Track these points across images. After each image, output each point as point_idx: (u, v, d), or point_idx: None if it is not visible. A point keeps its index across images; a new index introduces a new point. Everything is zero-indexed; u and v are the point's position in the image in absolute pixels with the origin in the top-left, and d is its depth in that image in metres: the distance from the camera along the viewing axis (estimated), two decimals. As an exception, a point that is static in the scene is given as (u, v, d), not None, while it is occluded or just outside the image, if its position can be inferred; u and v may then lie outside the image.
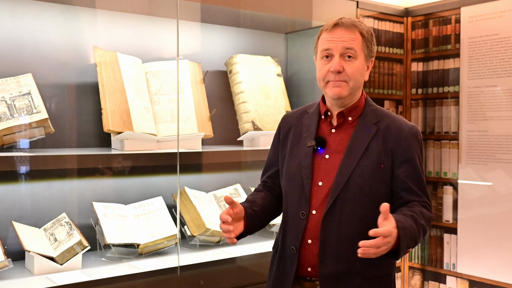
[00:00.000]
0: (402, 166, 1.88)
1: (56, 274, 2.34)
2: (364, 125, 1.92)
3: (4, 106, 2.36)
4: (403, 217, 1.76)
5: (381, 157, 1.87)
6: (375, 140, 1.89)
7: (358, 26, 1.90)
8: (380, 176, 1.87)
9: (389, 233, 1.66)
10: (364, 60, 1.90)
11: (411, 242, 1.75)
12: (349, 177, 1.85)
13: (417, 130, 1.94)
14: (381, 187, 1.88)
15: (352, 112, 1.94)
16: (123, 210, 2.73)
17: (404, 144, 1.89)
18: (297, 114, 2.07)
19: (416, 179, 1.89)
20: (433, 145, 3.48)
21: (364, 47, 1.89)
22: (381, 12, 3.40)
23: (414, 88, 3.56)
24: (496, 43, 3.16)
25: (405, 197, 1.89)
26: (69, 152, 2.50)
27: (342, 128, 1.94)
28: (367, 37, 1.90)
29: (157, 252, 2.71)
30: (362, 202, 1.85)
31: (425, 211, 1.87)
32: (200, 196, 2.94)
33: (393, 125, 1.91)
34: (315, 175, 1.91)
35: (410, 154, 1.89)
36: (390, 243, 1.67)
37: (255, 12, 2.99)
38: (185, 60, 2.95)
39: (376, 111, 1.96)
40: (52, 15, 2.66)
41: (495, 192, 3.20)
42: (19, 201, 2.57)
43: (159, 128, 2.78)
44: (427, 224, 1.85)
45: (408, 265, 3.63)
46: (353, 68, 1.87)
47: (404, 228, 1.71)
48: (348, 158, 1.87)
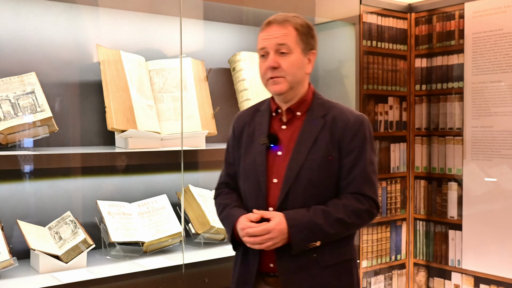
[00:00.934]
0: (347, 157, 1.91)
1: (61, 272, 2.34)
2: (312, 119, 1.95)
3: (8, 105, 2.36)
4: (303, 213, 1.84)
5: (328, 149, 1.90)
6: (322, 133, 1.92)
7: (291, 20, 1.91)
8: (329, 168, 1.90)
9: (266, 231, 1.82)
10: (301, 53, 1.92)
11: (315, 236, 1.84)
12: (298, 171, 1.89)
13: (363, 120, 1.94)
14: (330, 179, 1.92)
15: (300, 107, 1.97)
16: (128, 208, 2.73)
17: (349, 135, 1.91)
18: (250, 113, 2.09)
19: (359, 169, 1.90)
20: (438, 141, 3.47)
21: (299, 40, 1.91)
22: (385, 8, 3.39)
23: (418, 84, 3.55)
24: (500, 38, 3.15)
25: (343, 188, 1.92)
26: (73, 150, 2.50)
27: (292, 123, 1.98)
28: (302, 30, 1.92)
29: (162, 250, 2.71)
30: (312, 194, 1.90)
31: (352, 204, 1.88)
32: (204, 193, 2.94)
33: (339, 117, 1.93)
34: (269, 173, 1.94)
35: (355, 144, 1.91)
36: (276, 238, 1.81)
37: (258, 9, 2.99)
38: (188, 57, 2.95)
39: (324, 104, 1.98)
40: (55, 13, 2.66)
41: (500, 188, 3.19)
42: (23, 200, 2.57)
43: (162, 126, 2.78)
44: (351, 217, 1.87)
45: (413, 261, 3.62)
46: (289, 63, 1.89)
47: (298, 224, 1.82)
48: (297, 153, 1.91)
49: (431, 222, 3.52)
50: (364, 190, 1.90)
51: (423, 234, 3.56)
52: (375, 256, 3.42)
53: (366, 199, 1.91)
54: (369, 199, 1.91)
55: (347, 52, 3.31)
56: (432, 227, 3.51)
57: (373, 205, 1.93)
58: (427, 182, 3.53)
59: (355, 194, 1.90)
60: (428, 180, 3.53)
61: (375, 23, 3.35)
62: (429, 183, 3.53)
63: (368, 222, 1.97)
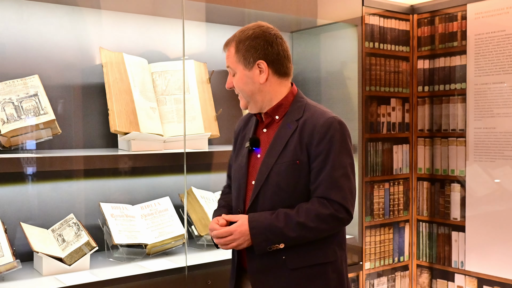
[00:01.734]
0: (315, 161, 1.91)
1: (64, 274, 2.35)
2: (287, 122, 1.98)
3: (11, 107, 2.37)
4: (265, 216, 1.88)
5: (297, 153, 1.92)
6: (293, 136, 1.94)
7: (231, 40, 2.01)
8: (297, 172, 1.92)
9: (228, 233, 1.90)
10: (243, 70, 1.98)
11: (276, 238, 1.87)
12: (268, 174, 1.93)
13: (332, 122, 1.92)
14: (299, 183, 1.93)
15: (278, 111, 2.01)
16: (131, 211, 2.73)
17: (316, 138, 1.91)
18: (246, 118, 2.19)
19: (326, 174, 1.89)
20: (440, 142, 3.47)
21: (238, 58, 1.98)
22: (387, 9, 3.39)
23: (420, 86, 3.55)
24: (503, 39, 3.14)
25: (312, 192, 1.93)
26: (76, 153, 2.50)
27: (271, 127, 2.03)
28: (240, 46, 1.98)
29: (165, 252, 2.71)
30: (281, 198, 1.92)
31: (315, 208, 1.88)
32: (207, 196, 2.94)
33: (310, 120, 1.94)
34: (249, 175, 2.01)
35: (322, 148, 1.90)
36: (238, 239, 1.89)
37: (260, 11, 2.99)
38: (191, 60, 2.95)
39: (301, 108, 2.00)
40: (58, 16, 2.67)
41: (503, 189, 3.18)
42: (27, 202, 2.58)
43: (165, 128, 2.78)
44: (313, 221, 1.86)
45: (416, 263, 3.62)
46: (236, 82, 2.01)
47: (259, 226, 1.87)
48: (269, 157, 1.96)
49: (434, 224, 3.51)
50: (329, 194, 1.89)
51: (426, 236, 3.56)
52: (378, 258, 3.42)
53: (331, 203, 1.88)
54: (335, 203, 1.89)
55: (349, 53, 3.31)
56: (435, 229, 3.51)
57: (340, 209, 1.89)
58: (430, 183, 3.53)
59: (321, 199, 1.90)
60: (431, 182, 3.52)
61: (377, 25, 3.34)
62: (432, 185, 3.52)
63: (337, 227, 1.94)
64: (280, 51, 1.99)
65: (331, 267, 1.97)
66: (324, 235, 1.93)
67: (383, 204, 3.42)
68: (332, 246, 1.98)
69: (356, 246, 3.27)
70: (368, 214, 3.33)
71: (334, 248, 1.99)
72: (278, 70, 1.99)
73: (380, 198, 3.40)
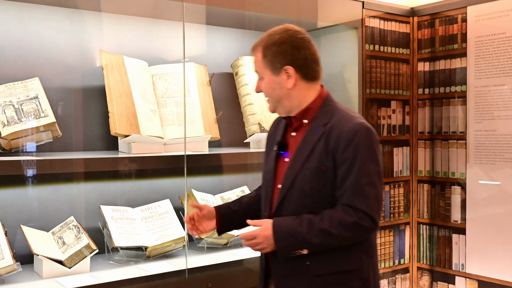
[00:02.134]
0: (340, 168, 1.87)
1: (64, 277, 2.34)
2: (314, 127, 1.95)
3: (12, 110, 2.37)
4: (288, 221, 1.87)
5: (322, 159, 1.89)
6: (320, 142, 1.91)
7: (259, 44, 1.99)
8: (322, 178, 1.89)
9: (251, 236, 1.88)
10: (271, 75, 1.95)
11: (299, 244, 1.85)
12: (293, 179, 1.92)
13: (358, 129, 1.87)
14: (324, 189, 1.89)
15: (306, 115, 1.99)
16: (131, 213, 2.73)
17: (342, 145, 1.86)
18: (277, 120, 2.17)
19: (351, 181, 1.85)
20: (441, 145, 3.47)
21: (265, 63, 1.96)
22: (387, 12, 3.39)
23: (420, 88, 3.55)
24: (503, 42, 3.14)
25: (337, 199, 1.89)
26: (77, 155, 2.50)
27: (300, 130, 2.01)
28: (267, 52, 1.95)
29: (165, 255, 2.71)
30: (306, 203, 1.91)
31: (339, 215, 1.84)
32: (207, 198, 2.94)
33: (336, 126, 1.90)
34: (277, 178, 2.00)
35: (348, 155, 1.85)
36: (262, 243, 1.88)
37: (260, 14, 2.99)
38: (191, 62, 2.95)
39: (329, 112, 1.96)
40: (58, 19, 2.67)
41: (503, 191, 3.18)
42: (27, 205, 2.58)
43: (166, 131, 2.78)
44: (337, 228, 1.83)
45: (417, 265, 3.61)
46: (264, 87, 1.99)
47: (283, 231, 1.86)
48: (295, 161, 1.94)
49: (435, 226, 3.51)
50: (354, 202, 1.85)
51: (427, 238, 3.55)
52: (379, 260, 3.41)
53: (356, 211, 1.84)
54: (359, 211, 1.84)
55: (349, 56, 3.31)
56: (435, 231, 3.51)
57: (364, 218, 1.85)
58: (431, 186, 3.53)
59: (345, 206, 1.86)
60: (432, 184, 3.52)
61: (377, 27, 3.35)
62: (433, 187, 3.52)
63: (361, 235, 1.90)
64: (307, 56, 1.95)
65: (355, 275, 1.93)
66: (348, 243, 1.89)
67: (383, 206, 3.42)
68: (358, 254, 1.94)
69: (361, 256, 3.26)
70: (368, 217, 3.32)
71: (361, 256, 1.94)
72: (306, 74, 1.96)
73: (380, 201, 3.40)
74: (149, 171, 2.92)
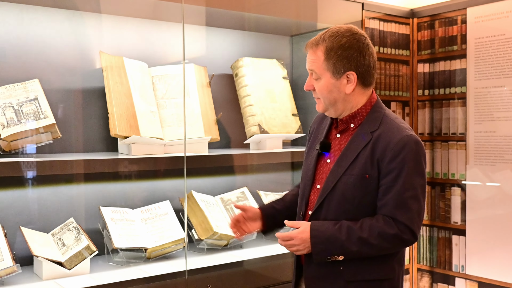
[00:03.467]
0: (385, 178, 1.85)
1: (64, 279, 2.34)
2: (361, 133, 1.92)
3: (12, 111, 2.37)
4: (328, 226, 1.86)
5: (367, 167, 1.86)
6: (366, 149, 1.88)
7: (321, 43, 1.89)
8: (365, 186, 1.86)
9: (289, 237, 1.87)
10: (331, 78, 1.88)
11: (335, 250, 1.84)
12: (335, 184, 1.89)
13: (407, 141, 1.84)
14: (365, 197, 1.87)
15: (354, 120, 1.95)
16: (131, 215, 2.73)
17: (389, 156, 1.84)
18: (322, 117, 2.13)
19: (395, 193, 1.83)
20: (441, 146, 3.47)
21: (327, 65, 1.88)
22: (387, 13, 3.40)
23: (420, 90, 3.55)
24: (502, 43, 3.15)
25: (378, 208, 1.87)
26: (76, 157, 2.50)
27: (345, 134, 1.97)
28: (331, 54, 1.87)
29: (165, 256, 2.71)
30: (345, 209, 1.88)
31: (379, 225, 1.83)
32: (207, 199, 2.94)
33: (384, 135, 1.87)
34: (316, 178, 1.98)
35: (394, 166, 1.83)
36: (299, 245, 1.87)
37: (260, 15, 2.99)
38: (191, 63, 2.95)
39: (377, 119, 1.92)
40: (58, 20, 2.67)
41: (503, 192, 3.18)
42: (27, 207, 2.58)
43: (165, 132, 2.78)
44: (376, 238, 1.82)
45: (417, 267, 3.61)
46: (319, 88, 1.92)
47: (321, 236, 1.85)
48: (338, 165, 1.91)
49: (435, 228, 3.51)
50: (396, 214, 1.83)
51: (427, 240, 3.55)
52: (379, 262, 3.41)
53: (397, 223, 1.83)
54: (401, 224, 1.83)
55: (349, 57, 3.30)
56: (435, 233, 3.50)
57: (406, 231, 1.83)
58: (431, 187, 3.53)
59: (387, 217, 1.84)
60: (432, 185, 3.52)
61: (377, 29, 3.35)
62: (433, 188, 3.52)
63: (399, 247, 1.90)
64: (371, 62, 1.92)
65: (387, 284, 1.93)
66: (385, 253, 1.89)
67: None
68: (391, 263, 1.93)
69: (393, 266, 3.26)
70: (368, 218, 3.32)
71: (394, 265, 1.93)
72: (366, 81, 1.92)
73: (380, 202, 3.39)
74: (148, 172, 2.92)
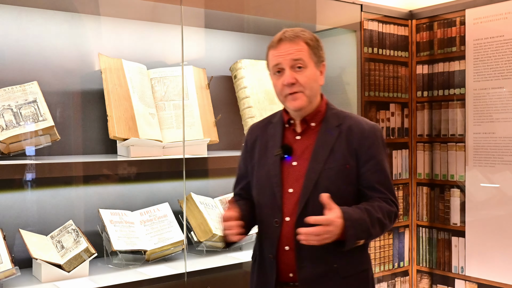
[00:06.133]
0: (366, 165, 1.94)
1: (63, 281, 2.34)
2: (327, 128, 1.97)
3: (10, 114, 2.37)
4: (353, 209, 1.84)
5: (346, 158, 1.93)
6: (339, 142, 1.94)
7: (301, 36, 1.94)
8: (347, 176, 1.93)
9: (329, 222, 1.75)
10: (314, 67, 1.95)
11: (362, 234, 1.84)
12: (316, 180, 1.90)
13: (378, 128, 2.00)
14: (348, 187, 1.94)
15: (315, 118, 1.99)
16: (130, 217, 2.73)
17: (367, 143, 1.94)
18: (262, 125, 2.12)
19: (380, 176, 1.95)
20: (440, 147, 3.47)
21: (312, 54, 1.94)
22: (386, 15, 3.40)
23: (419, 91, 3.55)
24: (501, 44, 3.15)
25: (369, 194, 1.95)
26: (75, 159, 2.50)
27: (306, 134, 1.99)
28: (312, 44, 1.95)
29: (164, 258, 2.71)
30: None
31: (385, 206, 1.92)
32: (206, 201, 2.94)
33: (355, 126, 1.97)
34: (284, 183, 1.95)
35: (373, 152, 1.95)
36: (333, 232, 1.75)
37: (259, 17, 2.99)
38: (189, 65, 2.96)
39: (338, 114, 2.01)
40: (57, 22, 2.67)
41: (502, 194, 3.18)
42: (25, 209, 2.57)
43: (164, 134, 2.78)
44: (386, 218, 1.91)
45: (416, 268, 3.61)
46: (306, 77, 1.92)
47: (352, 219, 1.79)
48: (315, 163, 1.93)
49: (434, 229, 3.51)
50: (388, 195, 1.95)
51: (426, 241, 3.55)
52: (378, 263, 3.41)
53: (392, 202, 1.96)
54: (393, 202, 1.97)
55: (348, 59, 3.31)
56: (435, 234, 3.50)
57: (396, 207, 1.98)
58: (430, 188, 3.53)
59: (383, 198, 1.95)
60: (431, 187, 3.52)
61: (376, 30, 3.35)
62: (432, 190, 3.52)
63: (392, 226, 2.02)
64: None
65: (369, 273, 2.02)
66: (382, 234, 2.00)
67: (382, 209, 3.41)
68: (367, 252, 2.04)
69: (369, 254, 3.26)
70: (367, 220, 3.32)
71: (369, 254, 2.05)
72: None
73: (379, 204, 3.40)
74: (148, 175, 2.92)
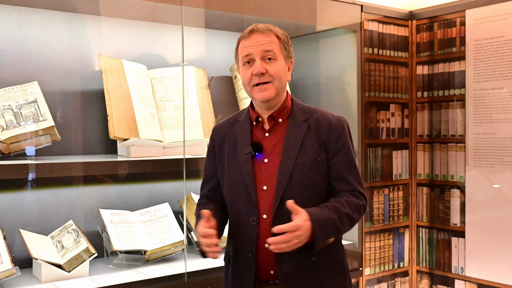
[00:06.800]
0: (335, 157, 1.97)
1: (63, 281, 2.34)
2: (295, 124, 1.99)
3: (11, 114, 2.37)
4: (320, 209, 1.86)
5: (316, 151, 1.96)
6: (308, 136, 1.97)
7: (272, 29, 1.98)
8: (319, 169, 1.95)
9: (296, 227, 1.76)
10: (283, 61, 1.98)
11: (331, 232, 1.87)
12: (290, 175, 1.92)
13: (344, 120, 2.03)
14: (321, 180, 1.97)
15: (281, 114, 2.01)
16: (130, 217, 2.73)
17: (335, 135, 1.98)
18: (228, 124, 2.11)
19: (349, 167, 1.98)
20: (440, 148, 3.47)
21: (282, 48, 1.97)
22: (386, 15, 3.40)
23: (419, 91, 3.55)
24: (501, 45, 3.15)
25: (337, 187, 1.97)
26: (76, 159, 2.50)
27: (275, 130, 2.01)
28: (283, 39, 1.98)
29: (164, 259, 2.71)
30: (307, 197, 1.92)
31: (353, 200, 1.94)
32: (206, 202, 2.93)
33: (322, 119, 2.00)
34: (258, 180, 1.95)
35: (341, 143, 1.98)
36: (302, 236, 1.77)
37: (259, 17, 2.99)
38: (190, 66, 2.96)
39: (304, 109, 2.04)
40: (57, 23, 2.67)
41: (502, 194, 3.18)
42: (26, 209, 2.57)
43: (165, 134, 2.78)
44: (355, 212, 1.93)
45: (416, 269, 3.61)
46: (276, 69, 1.94)
47: (320, 220, 1.81)
48: (286, 158, 1.94)
49: (434, 229, 3.51)
50: (357, 187, 1.98)
51: (426, 242, 3.55)
52: (378, 264, 3.41)
53: (360, 195, 1.98)
54: (362, 195, 1.99)
55: (348, 59, 3.31)
56: (435, 234, 3.50)
57: (365, 199, 2.00)
58: (430, 189, 3.53)
59: (352, 191, 1.97)
60: (431, 187, 3.52)
61: (376, 31, 3.35)
62: (432, 190, 3.52)
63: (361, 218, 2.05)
64: None
65: (345, 263, 2.07)
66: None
67: (382, 209, 3.42)
68: (341, 243, 2.08)
69: (356, 252, 3.27)
70: (367, 220, 3.33)
71: (342, 244, 2.08)
72: None
73: (379, 204, 3.40)
74: (148, 175, 2.92)
